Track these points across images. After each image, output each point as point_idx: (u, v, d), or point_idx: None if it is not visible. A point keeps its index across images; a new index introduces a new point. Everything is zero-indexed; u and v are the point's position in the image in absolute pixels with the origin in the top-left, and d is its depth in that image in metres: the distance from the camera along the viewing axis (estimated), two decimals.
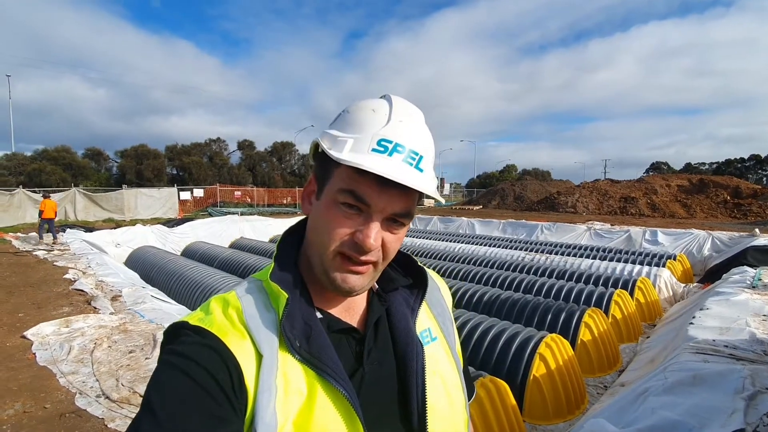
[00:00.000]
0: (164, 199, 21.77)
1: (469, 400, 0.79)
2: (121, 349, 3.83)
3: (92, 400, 3.01)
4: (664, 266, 7.37)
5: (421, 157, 0.61)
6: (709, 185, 24.94)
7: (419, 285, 0.76)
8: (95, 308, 5.07)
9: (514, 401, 2.89)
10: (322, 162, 0.63)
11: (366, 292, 0.72)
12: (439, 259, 8.37)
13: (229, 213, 18.15)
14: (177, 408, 0.50)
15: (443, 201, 0.73)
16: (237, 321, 0.59)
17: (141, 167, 34.11)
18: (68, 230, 12.04)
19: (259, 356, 0.57)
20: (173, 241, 11.59)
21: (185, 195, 23.71)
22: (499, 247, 9.92)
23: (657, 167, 75.86)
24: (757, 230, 10.09)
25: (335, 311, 0.68)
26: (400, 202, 0.60)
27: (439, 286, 0.84)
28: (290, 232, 0.73)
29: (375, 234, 0.59)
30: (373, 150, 0.58)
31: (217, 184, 28.07)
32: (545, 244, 10.09)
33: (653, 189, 25.07)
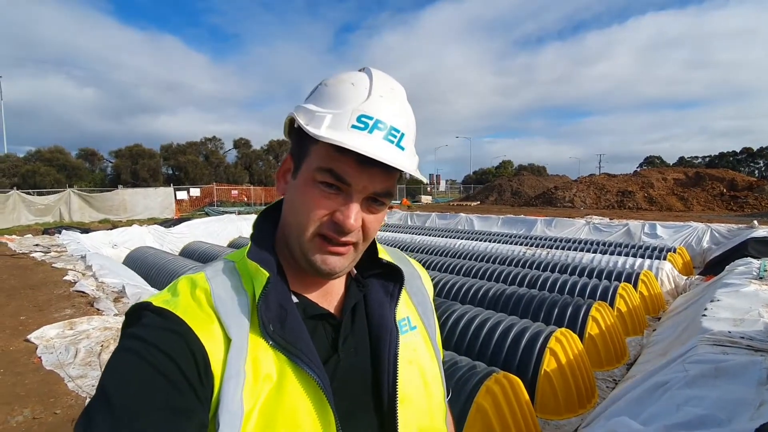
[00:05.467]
0: (161, 199, 21.60)
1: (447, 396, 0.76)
2: None
3: None
4: (664, 259, 7.39)
5: (402, 135, 0.58)
6: (705, 178, 25.09)
7: (398, 272, 0.72)
8: (98, 310, 5.01)
9: (527, 396, 2.89)
10: (299, 138, 0.60)
11: (344, 278, 0.70)
12: (440, 255, 8.36)
13: (227, 212, 18.04)
14: (135, 399, 0.47)
15: (425, 180, 0.68)
16: (205, 303, 0.56)
17: (136, 167, 33.88)
18: (64, 232, 11.91)
19: (228, 340, 0.54)
20: (171, 242, 11.49)
21: (182, 195, 23.52)
22: (499, 242, 9.92)
23: (650, 161, 76.28)
24: (755, 222, 10.15)
25: (312, 296, 0.65)
26: (381, 182, 0.58)
27: (421, 275, 0.81)
28: (266, 213, 0.69)
29: (355, 214, 0.57)
30: (353, 126, 0.55)
31: (213, 183, 27.88)
32: (545, 239, 10.09)
33: (650, 183, 25.19)
